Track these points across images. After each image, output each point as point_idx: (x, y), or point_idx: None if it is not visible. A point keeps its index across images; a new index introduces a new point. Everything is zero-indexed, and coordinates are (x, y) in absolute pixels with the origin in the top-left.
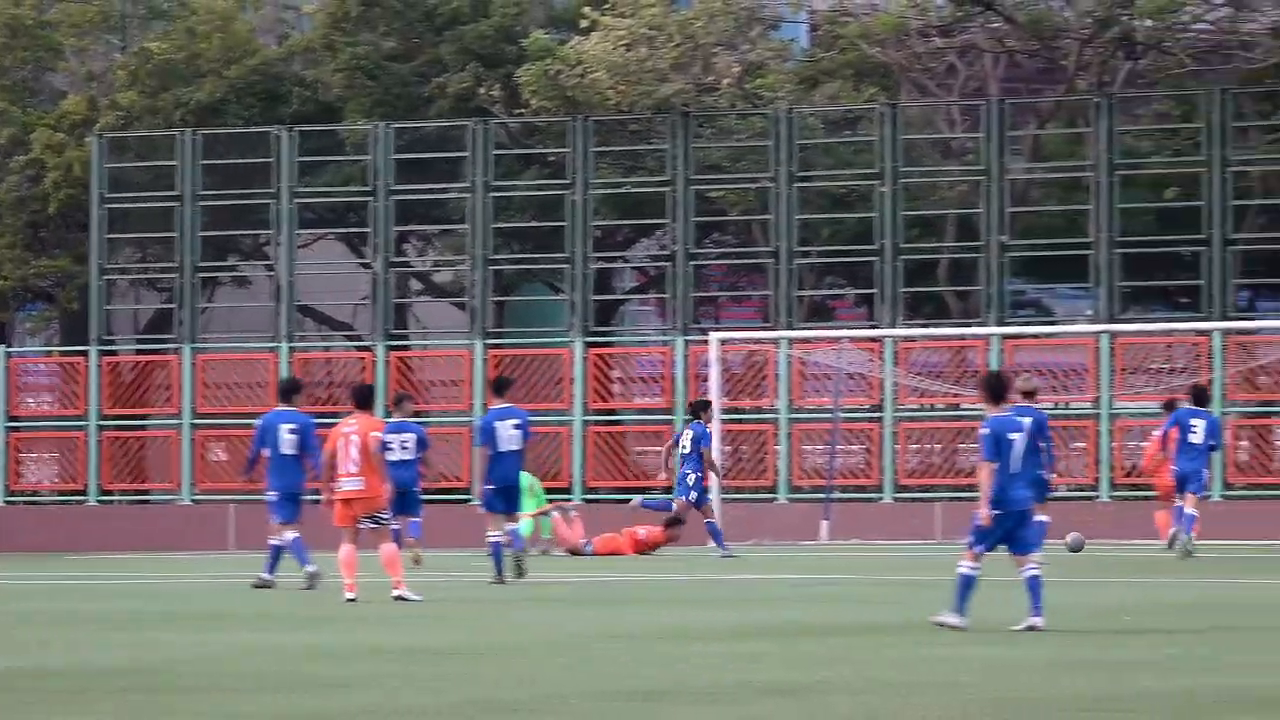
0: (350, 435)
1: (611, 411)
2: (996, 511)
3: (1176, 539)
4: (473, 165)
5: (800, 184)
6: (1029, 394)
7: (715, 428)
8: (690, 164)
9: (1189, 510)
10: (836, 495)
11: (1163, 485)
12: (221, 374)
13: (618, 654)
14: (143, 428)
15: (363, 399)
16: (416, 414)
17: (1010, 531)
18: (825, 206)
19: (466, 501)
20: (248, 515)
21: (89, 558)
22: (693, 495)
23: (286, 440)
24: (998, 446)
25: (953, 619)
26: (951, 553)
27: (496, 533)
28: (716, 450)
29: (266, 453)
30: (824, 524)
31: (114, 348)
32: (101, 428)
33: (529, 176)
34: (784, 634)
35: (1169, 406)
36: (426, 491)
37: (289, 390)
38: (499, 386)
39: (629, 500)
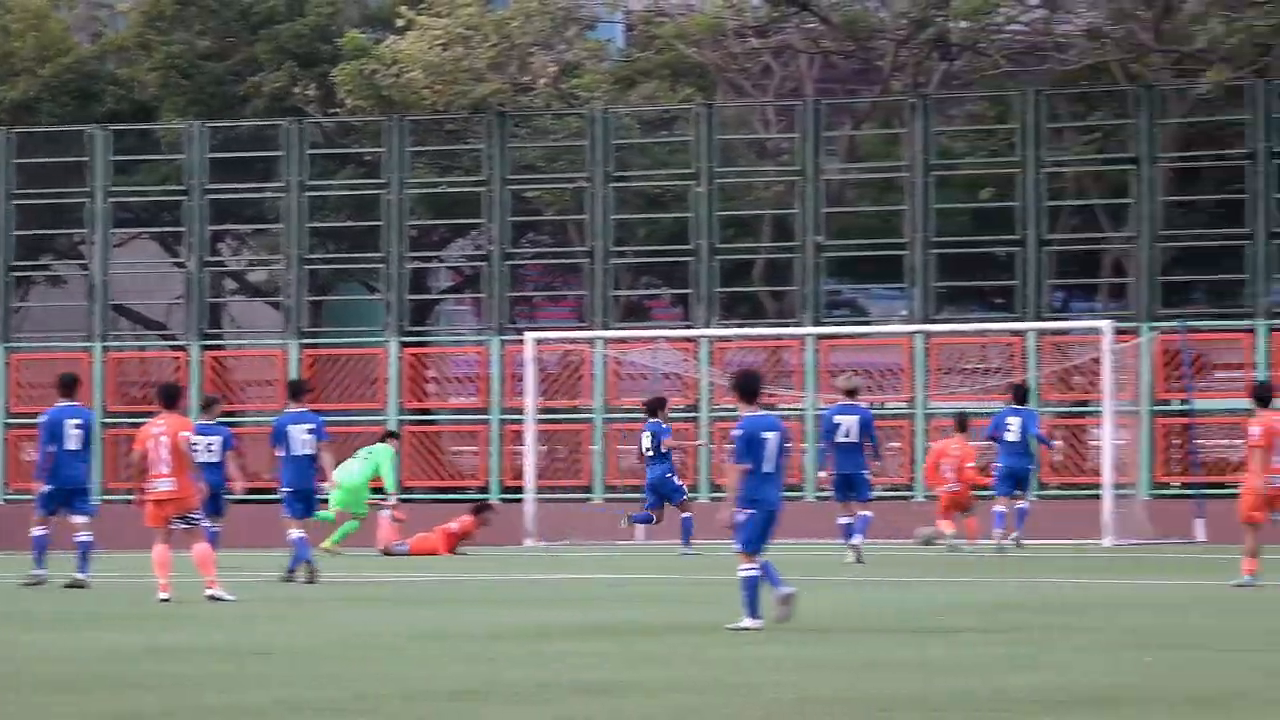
0: (160, 436)
1: (427, 411)
2: (750, 510)
3: (1009, 538)
4: (288, 164)
5: (616, 184)
6: (851, 392)
7: (530, 428)
8: (506, 164)
9: (999, 509)
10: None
11: (947, 497)
12: (36, 374)
13: (433, 653)
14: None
15: (169, 398)
16: (229, 413)
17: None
18: (641, 206)
19: (279, 502)
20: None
21: None
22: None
23: (72, 435)
24: (749, 447)
25: (748, 623)
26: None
27: (299, 532)
28: (531, 450)
29: (53, 448)
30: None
31: None
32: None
33: (344, 176)
34: (597, 634)
35: (960, 425)
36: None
37: (70, 385)
38: (294, 390)
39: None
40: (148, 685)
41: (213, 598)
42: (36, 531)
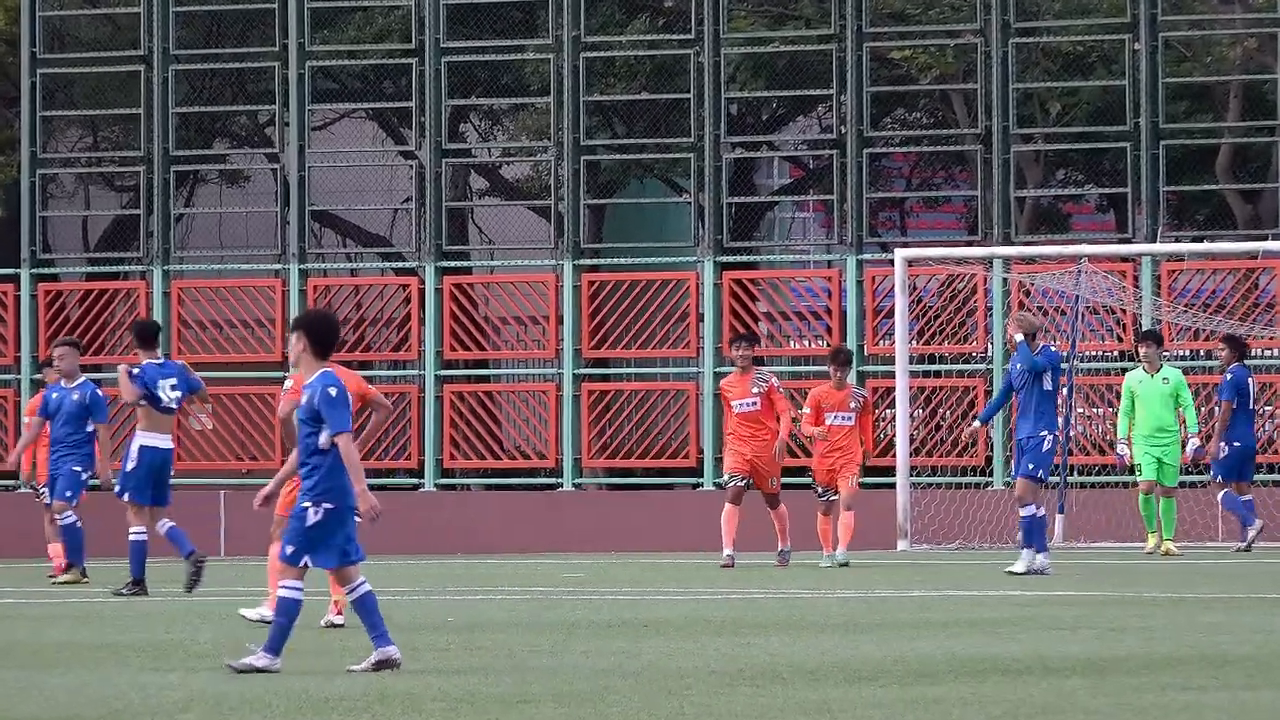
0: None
1: (758, 361)
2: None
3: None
4: (556, 14)
5: (1019, 39)
6: (1030, 335)
7: (902, 383)
8: (864, 12)
9: (1245, 496)
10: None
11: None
12: (208, 307)
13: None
14: (97, 381)
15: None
16: (479, 364)
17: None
18: (1054, 72)
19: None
20: (237, 503)
21: None
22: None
23: None
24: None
25: (264, 661)
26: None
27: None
28: (903, 415)
29: None
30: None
31: (55, 270)
32: (37, 382)
33: (636, 30)
34: (994, 671)
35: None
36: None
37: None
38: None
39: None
40: None
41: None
42: None
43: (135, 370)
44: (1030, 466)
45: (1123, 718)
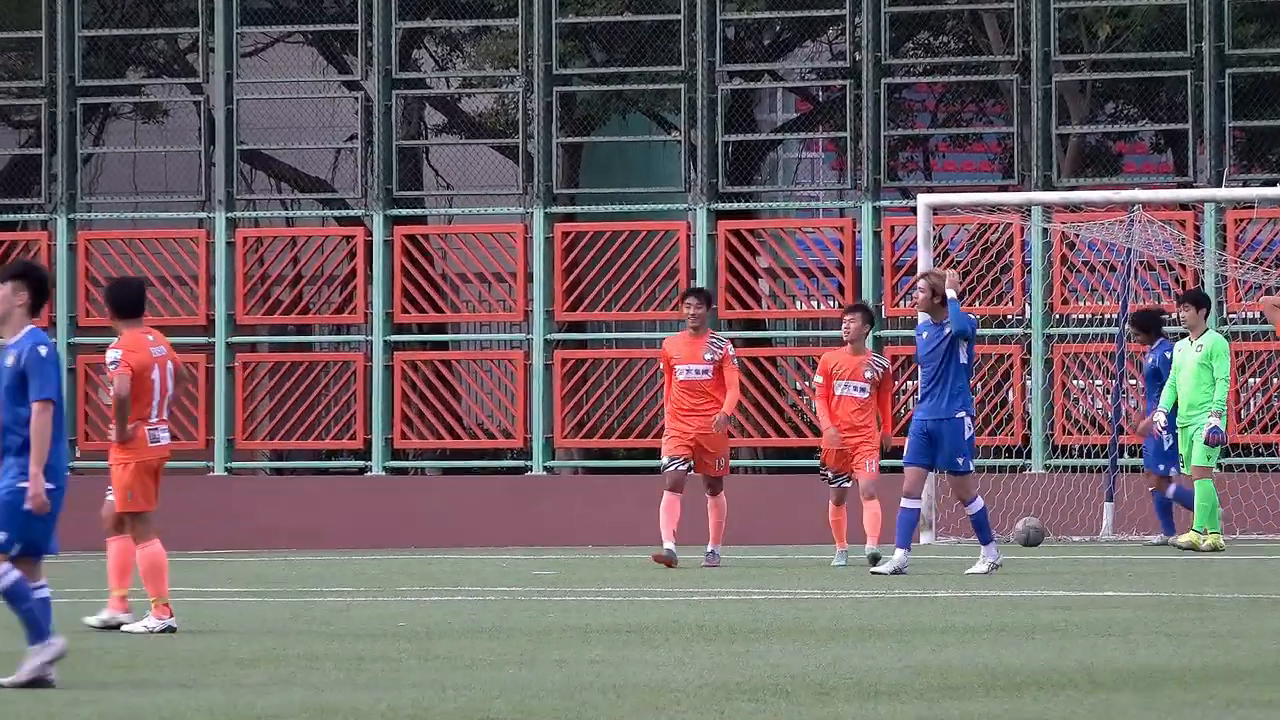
0: (166, 361)
1: (757, 325)
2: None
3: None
4: None
5: None
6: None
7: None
8: None
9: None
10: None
11: None
12: (120, 261)
13: None
14: None
15: (136, 304)
16: (436, 328)
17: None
18: None
19: None
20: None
21: None
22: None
23: None
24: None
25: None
26: None
27: None
28: None
29: None
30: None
31: None
32: None
33: None
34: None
35: None
36: None
37: None
38: None
39: None
40: None
41: (168, 629)
42: None
43: None
44: (959, 461)
45: None
